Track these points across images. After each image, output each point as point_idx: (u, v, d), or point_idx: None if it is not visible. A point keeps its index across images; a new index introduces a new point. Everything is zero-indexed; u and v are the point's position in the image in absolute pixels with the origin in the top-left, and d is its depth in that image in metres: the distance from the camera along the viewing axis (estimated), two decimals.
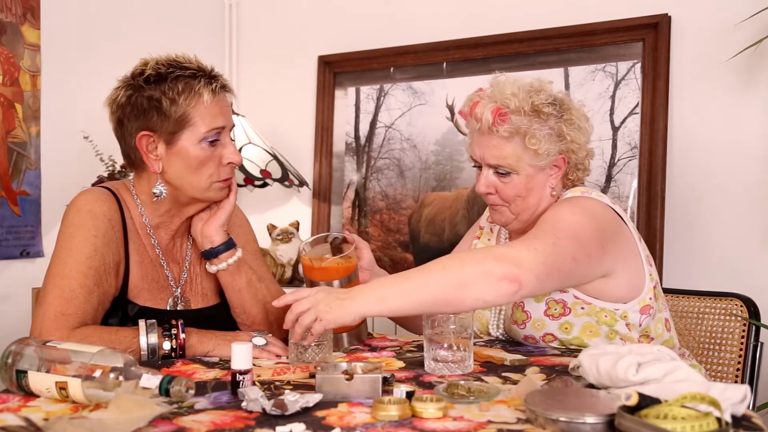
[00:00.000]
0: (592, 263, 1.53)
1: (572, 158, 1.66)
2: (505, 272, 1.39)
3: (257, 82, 3.37)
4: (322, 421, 1.04)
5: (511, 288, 1.39)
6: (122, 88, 1.58)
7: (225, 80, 1.61)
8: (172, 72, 1.54)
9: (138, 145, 1.57)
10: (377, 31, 3.07)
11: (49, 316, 1.44)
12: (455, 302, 1.39)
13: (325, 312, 1.37)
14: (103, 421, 1.02)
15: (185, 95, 1.53)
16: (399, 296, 1.40)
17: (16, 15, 2.59)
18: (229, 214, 1.65)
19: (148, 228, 1.64)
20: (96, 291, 1.50)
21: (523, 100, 1.59)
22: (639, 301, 1.60)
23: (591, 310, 1.58)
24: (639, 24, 2.57)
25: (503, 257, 1.42)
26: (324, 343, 1.45)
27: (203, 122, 1.55)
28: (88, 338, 1.42)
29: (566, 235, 1.49)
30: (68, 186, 2.60)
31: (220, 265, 1.63)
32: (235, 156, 1.60)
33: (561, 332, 1.60)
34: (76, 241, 1.52)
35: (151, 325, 1.47)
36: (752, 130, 2.40)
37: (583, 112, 1.69)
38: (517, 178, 1.63)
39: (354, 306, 1.38)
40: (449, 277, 1.40)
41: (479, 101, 1.63)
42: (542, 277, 1.42)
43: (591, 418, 0.96)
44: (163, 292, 1.65)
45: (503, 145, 1.61)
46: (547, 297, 1.61)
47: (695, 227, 2.49)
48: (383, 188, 3.08)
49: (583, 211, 1.57)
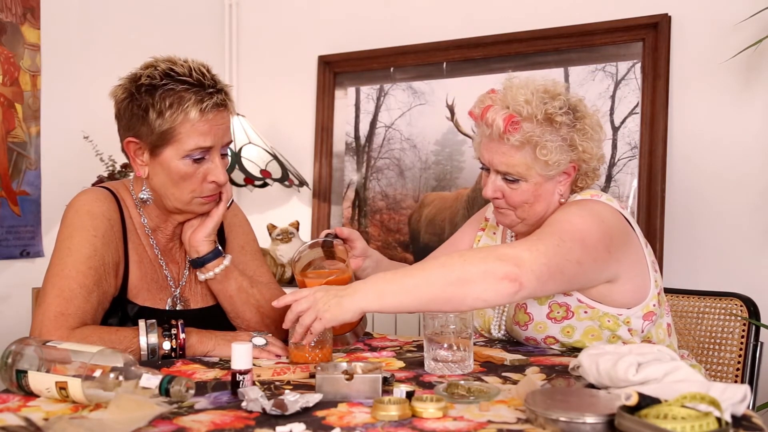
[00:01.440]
0: (597, 268, 1.51)
1: (583, 167, 1.64)
2: (506, 272, 1.37)
3: (257, 82, 3.37)
4: (322, 421, 1.04)
5: (512, 288, 1.37)
6: (120, 87, 1.56)
7: (222, 97, 1.54)
8: (165, 84, 1.50)
9: (126, 149, 1.57)
10: (377, 31, 3.07)
11: (49, 316, 1.44)
12: (455, 301, 1.38)
13: (324, 311, 1.37)
14: (103, 421, 1.02)
15: (172, 110, 1.49)
16: (398, 293, 1.39)
17: (16, 15, 2.59)
18: (216, 224, 1.63)
19: (146, 228, 1.64)
20: (96, 291, 1.50)
21: (536, 108, 1.55)
22: (642, 307, 1.59)
23: (594, 315, 1.58)
24: (639, 24, 2.57)
25: (505, 257, 1.40)
26: (324, 341, 1.46)
27: (189, 140, 1.50)
28: (88, 338, 1.42)
29: (572, 237, 1.48)
30: (68, 186, 2.60)
31: (208, 274, 1.63)
32: (220, 176, 1.55)
33: (563, 335, 1.60)
34: (75, 242, 1.52)
35: (151, 325, 1.47)
36: (752, 130, 2.40)
37: (597, 119, 1.66)
38: (525, 185, 1.61)
39: (353, 302, 1.37)
40: (449, 276, 1.39)
41: (491, 106, 1.59)
42: (544, 279, 1.40)
43: (591, 418, 0.96)
44: (162, 292, 1.65)
45: (513, 154, 1.58)
46: (550, 300, 1.60)
47: (695, 227, 2.49)
48: (383, 188, 3.08)
49: (591, 215, 1.55)
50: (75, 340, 1.40)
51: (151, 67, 1.53)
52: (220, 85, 1.55)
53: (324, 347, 1.46)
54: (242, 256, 1.74)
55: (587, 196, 1.63)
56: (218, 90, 1.54)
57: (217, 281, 1.64)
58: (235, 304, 1.65)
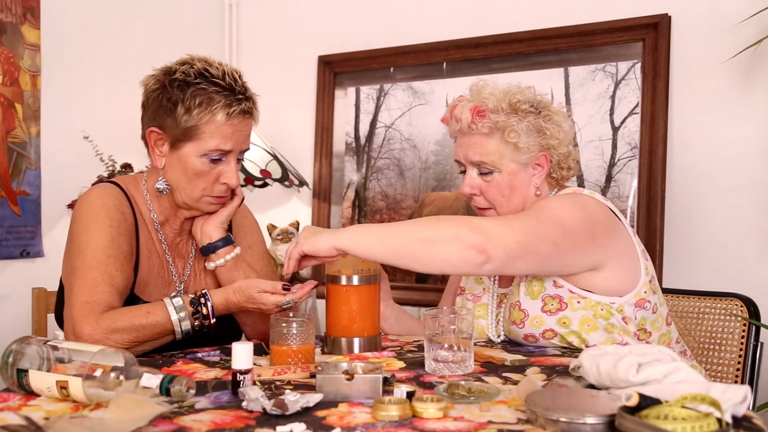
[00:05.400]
0: (577, 252, 1.55)
1: (553, 155, 1.68)
2: (474, 242, 1.43)
3: (257, 82, 3.34)
4: (323, 421, 1.04)
5: (478, 258, 1.43)
6: (153, 78, 1.60)
7: (250, 106, 1.60)
8: (198, 83, 1.55)
9: (147, 137, 1.60)
10: (377, 31, 3.07)
11: (76, 307, 1.46)
12: (422, 257, 1.46)
13: (304, 241, 1.50)
14: (104, 421, 1.02)
15: (200, 109, 1.54)
16: (371, 238, 1.47)
17: (16, 15, 2.59)
18: (230, 214, 1.66)
19: (156, 223, 1.66)
20: (118, 276, 1.52)
21: (500, 99, 1.64)
22: (634, 295, 1.60)
23: (587, 304, 1.59)
24: (639, 24, 2.57)
25: (477, 228, 1.46)
26: (307, 341, 1.44)
27: (210, 140, 1.55)
28: (118, 322, 1.44)
29: (550, 220, 1.52)
30: (68, 186, 2.60)
31: (218, 261, 1.64)
32: (233, 179, 1.60)
33: (560, 327, 1.60)
34: (92, 233, 1.53)
35: (179, 308, 1.50)
36: (752, 130, 2.40)
37: (563, 112, 1.72)
38: (500, 177, 1.66)
39: (329, 238, 1.48)
40: (420, 233, 1.47)
41: (458, 104, 1.69)
42: (514, 255, 1.45)
43: (591, 419, 0.96)
44: (168, 287, 1.67)
45: (484, 142, 1.65)
46: (542, 293, 1.61)
47: (695, 227, 2.49)
48: (383, 188, 3.08)
49: (572, 203, 1.60)
50: (105, 325, 1.43)
51: (187, 64, 1.58)
52: (249, 93, 1.62)
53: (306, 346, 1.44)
54: (250, 256, 1.75)
55: (569, 192, 1.68)
56: (247, 98, 1.60)
57: (226, 269, 1.65)
58: None
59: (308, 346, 1.44)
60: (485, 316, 1.74)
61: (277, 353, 1.42)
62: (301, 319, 1.43)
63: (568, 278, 1.60)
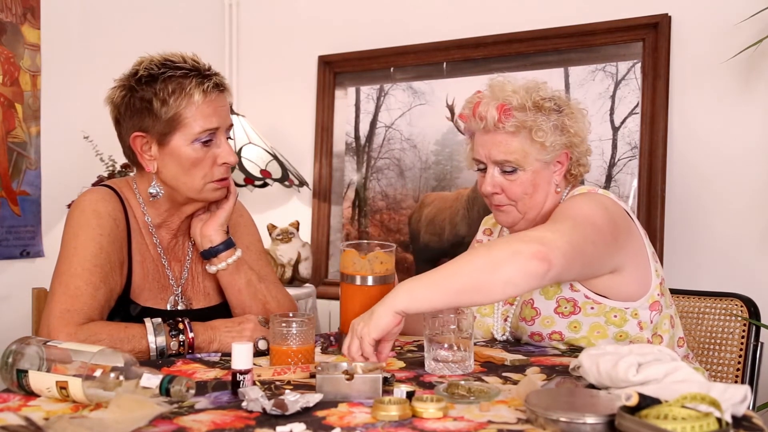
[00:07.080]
0: (608, 252, 1.52)
1: (574, 153, 1.67)
2: (533, 251, 1.35)
3: (257, 82, 3.37)
4: (323, 421, 1.04)
5: (541, 267, 1.34)
6: (118, 88, 1.58)
7: (220, 79, 1.59)
8: (163, 72, 1.53)
9: (132, 145, 1.58)
10: (377, 31, 3.07)
11: (55, 314, 1.44)
12: (485, 288, 1.36)
13: (366, 331, 1.34)
14: (104, 421, 1.02)
15: (176, 96, 1.52)
16: (427, 289, 1.36)
17: (16, 15, 2.59)
18: (228, 215, 1.65)
19: (150, 227, 1.65)
20: (102, 288, 1.51)
21: (524, 97, 1.60)
22: (648, 298, 1.59)
23: (600, 311, 1.58)
24: (639, 24, 2.57)
25: (528, 238, 1.39)
26: (306, 341, 1.43)
27: (195, 123, 1.54)
28: (97, 334, 1.42)
29: (584, 221, 1.49)
30: (68, 186, 2.60)
31: (220, 265, 1.63)
32: (230, 156, 1.59)
33: (569, 331, 1.60)
34: (81, 240, 1.52)
35: (158, 326, 1.48)
36: (752, 130, 2.40)
37: (581, 109, 1.70)
38: (523, 175, 1.63)
39: (386, 310, 1.34)
40: (476, 262, 1.37)
41: (480, 101, 1.63)
42: (569, 257, 1.39)
43: (591, 419, 0.96)
44: (164, 291, 1.65)
45: (510, 141, 1.61)
46: (558, 294, 1.60)
47: (695, 227, 2.49)
48: (383, 188, 3.08)
49: (595, 203, 1.57)
50: (83, 335, 1.41)
51: (146, 61, 1.57)
52: (214, 70, 1.60)
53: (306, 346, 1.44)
54: (248, 255, 1.73)
55: (584, 191, 1.66)
56: (215, 73, 1.59)
57: (228, 273, 1.64)
58: (243, 298, 1.66)
59: (308, 346, 1.43)
60: (491, 314, 1.73)
61: (277, 353, 1.42)
62: (301, 319, 1.43)
63: (585, 282, 1.58)
